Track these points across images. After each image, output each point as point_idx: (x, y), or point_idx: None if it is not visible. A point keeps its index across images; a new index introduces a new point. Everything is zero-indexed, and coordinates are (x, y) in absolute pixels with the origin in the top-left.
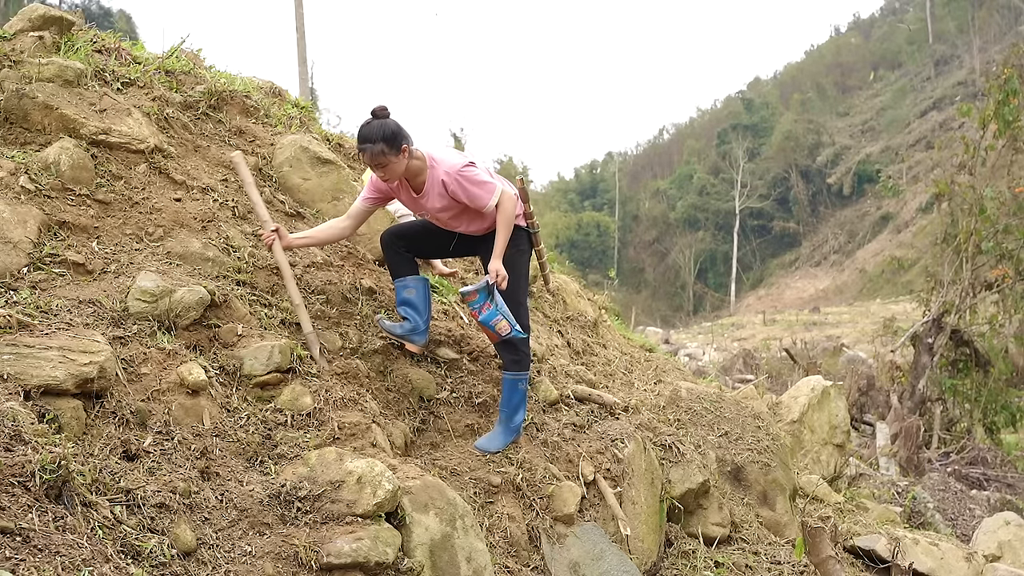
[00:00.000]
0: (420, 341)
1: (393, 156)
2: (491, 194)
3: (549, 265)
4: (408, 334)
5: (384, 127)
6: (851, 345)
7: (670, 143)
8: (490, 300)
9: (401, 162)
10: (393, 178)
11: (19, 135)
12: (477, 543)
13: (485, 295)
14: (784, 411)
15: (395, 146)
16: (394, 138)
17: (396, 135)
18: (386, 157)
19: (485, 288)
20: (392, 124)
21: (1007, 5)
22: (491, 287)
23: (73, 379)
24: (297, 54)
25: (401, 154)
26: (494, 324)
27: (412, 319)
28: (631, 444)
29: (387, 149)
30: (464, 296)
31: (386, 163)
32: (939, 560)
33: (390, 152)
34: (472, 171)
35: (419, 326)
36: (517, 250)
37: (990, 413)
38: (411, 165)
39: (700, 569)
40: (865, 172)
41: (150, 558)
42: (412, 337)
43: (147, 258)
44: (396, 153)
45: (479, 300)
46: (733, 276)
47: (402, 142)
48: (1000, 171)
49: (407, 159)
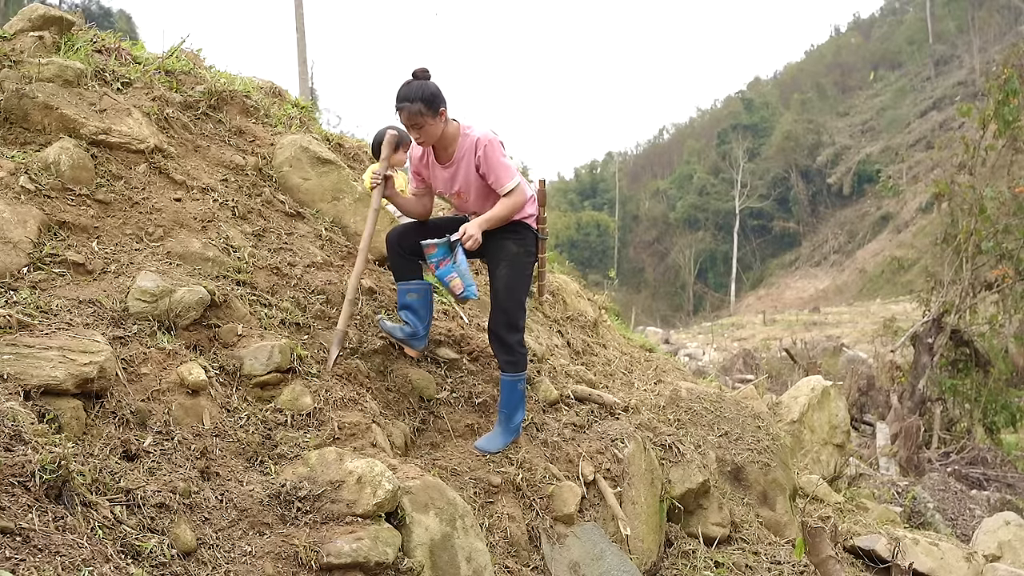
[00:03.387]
0: (419, 346)
1: (431, 118)
2: (511, 178)
3: (548, 270)
4: (408, 338)
5: (424, 87)
6: (851, 345)
7: (670, 143)
8: (450, 257)
9: (438, 125)
10: (428, 141)
11: (19, 135)
12: (477, 543)
13: (445, 251)
14: (784, 411)
15: (433, 108)
16: (433, 99)
17: (435, 97)
18: (423, 118)
19: (446, 244)
20: (432, 86)
21: (1007, 5)
22: (453, 244)
23: (73, 379)
24: (297, 54)
25: (439, 117)
26: (448, 280)
27: (412, 324)
28: (631, 444)
29: (424, 110)
30: (425, 248)
31: (423, 124)
32: (939, 560)
33: (427, 113)
34: (503, 151)
35: (419, 331)
36: (525, 251)
37: (990, 413)
38: (446, 131)
39: (700, 569)
40: (865, 172)
41: (150, 558)
42: (411, 342)
43: (147, 258)
44: (434, 115)
45: (437, 254)
46: (733, 276)
47: (440, 105)
48: (1000, 171)
49: (443, 124)
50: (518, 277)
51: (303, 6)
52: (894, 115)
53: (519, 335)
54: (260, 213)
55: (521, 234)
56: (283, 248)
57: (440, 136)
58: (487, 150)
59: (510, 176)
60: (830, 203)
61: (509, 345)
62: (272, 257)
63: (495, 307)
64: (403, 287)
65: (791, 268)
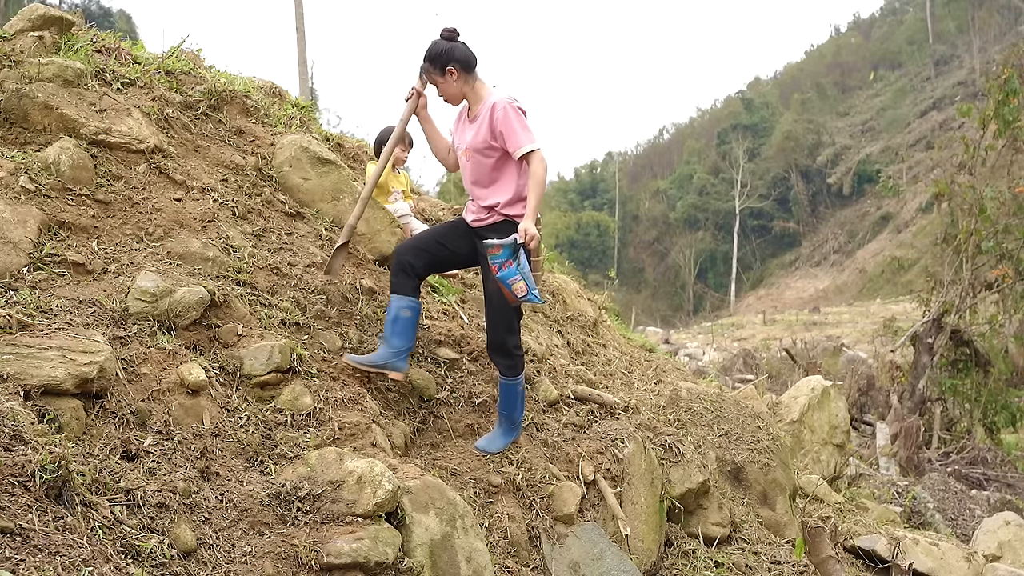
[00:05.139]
0: (403, 368)
1: (438, 76)
2: (529, 142)
3: (548, 270)
4: (392, 359)
5: (434, 47)
6: (851, 345)
7: (670, 143)
8: (513, 259)
9: (448, 83)
10: (447, 98)
11: (19, 135)
12: (477, 543)
13: (509, 252)
14: (784, 411)
15: (438, 66)
16: (437, 57)
17: (441, 54)
18: (432, 76)
19: (512, 245)
20: (442, 44)
21: (1007, 5)
22: (518, 246)
23: (73, 379)
24: (297, 54)
25: (447, 75)
26: (511, 283)
27: (399, 340)
28: (631, 444)
29: (431, 68)
30: (489, 248)
31: (434, 82)
32: (939, 560)
33: (434, 71)
34: (523, 114)
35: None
36: None
37: (990, 413)
38: (474, 91)
39: (700, 569)
40: (865, 172)
41: (150, 558)
42: (396, 363)
43: (147, 258)
44: (440, 74)
45: (502, 256)
46: (733, 276)
47: (448, 63)
48: (1000, 171)
49: (457, 82)
50: None
51: (303, 6)
52: (894, 115)
53: (516, 338)
54: (260, 213)
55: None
56: (283, 248)
57: (466, 95)
58: (505, 112)
59: (529, 140)
60: (830, 203)
61: (508, 349)
62: (272, 257)
63: (491, 311)
64: (400, 301)
65: (791, 268)
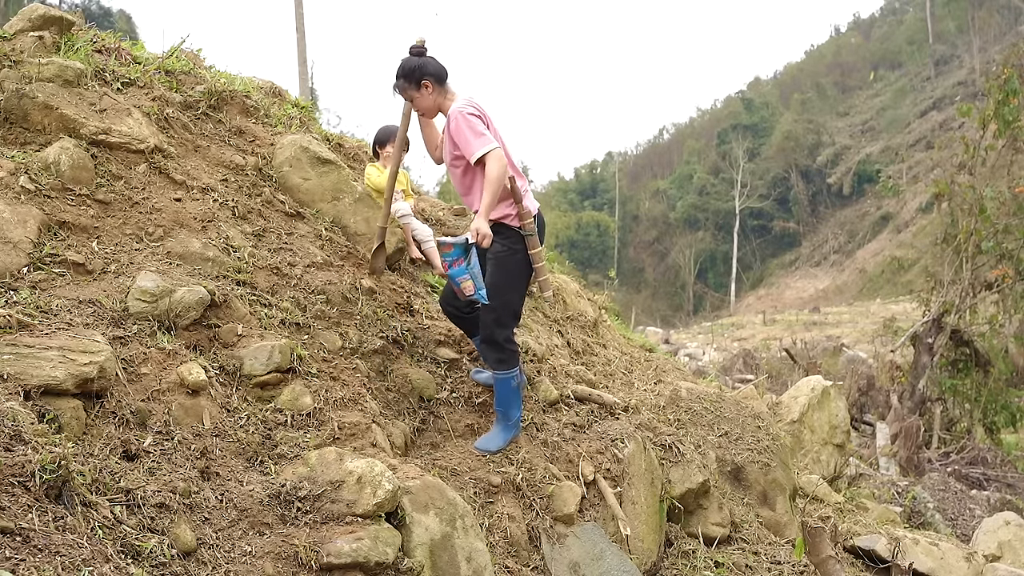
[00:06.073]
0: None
1: (414, 91)
2: (481, 146)
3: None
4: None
5: (406, 63)
6: (851, 345)
7: (670, 143)
8: (463, 257)
9: (425, 96)
10: (425, 112)
11: (19, 135)
12: (477, 543)
13: (461, 251)
14: (784, 411)
15: (413, 80)
16: (411, 73)
17: (414, 70)
18: (408, 92)
19: (464, 244)
20: (413, 61)
21: (1007, 5)
22: (470, 246)
23: (73, 379)
24: (297, 54)
25: (422, 88)
26: (460, 281)
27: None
28: (631, 444)
29: (406, 84)
30: (440, 246)
31: (410, 97)
32: (939, 560)
33: (409, 87)
34: (474, 120)
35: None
36: (510, 249)
37: (990, 413)
38: (448, 101)
39: (700, 569)
40: (865, 172)
41: (150, 558)
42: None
43: (147, 258)
44: (415, 88)
45: (453, 254)
46: (733, 276)
47: (422, 77)
48: (1000, 171)
49: (433, 95)
50: (504, 275)
51: (303, 6)
52: (894, 115)
53: (507, 331)
54: (260, 213)
55: (503, 233)
56: (283, 248)
57: (440, 106)
58: (456, 121)
59: (481, 145)
60: (830, 203)
61: (498, 343)
62: (272, 257)
63: (483, 306)
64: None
65: (791, 268)
